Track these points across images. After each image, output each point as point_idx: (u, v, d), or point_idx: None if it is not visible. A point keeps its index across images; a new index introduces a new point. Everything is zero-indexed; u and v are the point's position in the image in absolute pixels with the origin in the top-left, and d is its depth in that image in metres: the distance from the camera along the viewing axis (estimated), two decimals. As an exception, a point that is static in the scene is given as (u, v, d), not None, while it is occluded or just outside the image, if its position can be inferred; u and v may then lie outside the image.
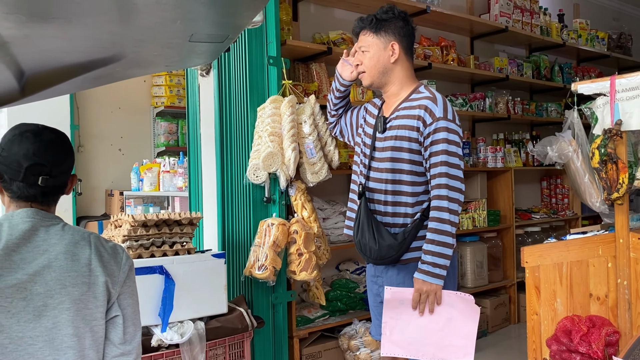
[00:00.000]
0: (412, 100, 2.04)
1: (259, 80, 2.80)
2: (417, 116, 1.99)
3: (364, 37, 2.09)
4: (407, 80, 2.10)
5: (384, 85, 2.11)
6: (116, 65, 1.35)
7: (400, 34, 2.06)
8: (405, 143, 2.00)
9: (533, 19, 4.60)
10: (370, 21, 2.06)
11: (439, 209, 1.93)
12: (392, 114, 2.07)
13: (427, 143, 1.97)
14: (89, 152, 5.09)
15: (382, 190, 2.04)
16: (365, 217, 2.02)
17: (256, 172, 2.71)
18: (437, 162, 1.94)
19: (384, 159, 2.04)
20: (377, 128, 2.08)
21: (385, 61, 2.07)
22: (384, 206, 2.04)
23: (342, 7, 3.61)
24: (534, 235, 4.59)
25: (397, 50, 2.05)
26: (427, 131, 1.96)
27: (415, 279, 1.95)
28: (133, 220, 2.28)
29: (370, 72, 2.10)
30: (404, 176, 2.01)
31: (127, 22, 1.00)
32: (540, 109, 4.77)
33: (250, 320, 2.53)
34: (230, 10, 0.93)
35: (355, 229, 2.07)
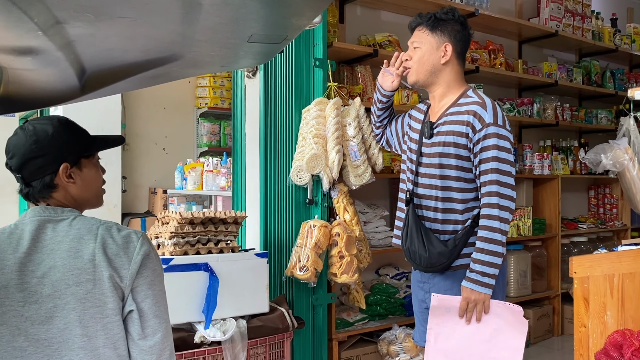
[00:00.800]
0: (460, 105, 2.00)
1: (304, 82, 2.81)
2: (465, 122, 1.95)
3: (419, 33, 2.06)
4: (454, 83, 2.06)
5: (429, 85, 2.08)
6: (173, 64, 1.37)
7: (455, 37, 2.04)
8: (452, 149, 1.96)
9: (584, 23, 4.47)
10: (428, 18, 2.04)
11: (490, 217, 1.89)
12: (440, 119, 2.03)
13: (476, 150, 1.93)
14: (134, 150, 5.22)
15: (431, 196, 2.02)
16: (414, 224, 1.99)
17: (299, 173, 2.71)
18: (487, 169, 1.90)
19: (432, 164, 2.01)
20: (424, 133, 2.05)
21: (435, 61, 2.04)
22: (433, 212, 2.01)
23: (388, 10, 3.59)
24: (580, 246, 4.45)
25: (449, 52, 2.02)
26: (476, 137, 1.92)
27: (464, 288, 1.92)
28: (180, 218, 2.31)
29: (417, 69, 2.07)
30: (452, 183, 1.97)
31: (191, 21, 1.01)
32: (589, 116, 4.63)
33: (291, 321, 2.54)
34: (292, 11, 0.93)
35: (404, 236, 2.04)
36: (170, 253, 2.33)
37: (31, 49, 1.12)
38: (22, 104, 1.58)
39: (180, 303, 2.28)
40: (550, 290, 4.17)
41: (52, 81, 1.40)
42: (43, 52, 1.14)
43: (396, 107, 3.32)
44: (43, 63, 1.23)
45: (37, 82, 1.43)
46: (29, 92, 1.47)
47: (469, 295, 1.89)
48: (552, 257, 4.21)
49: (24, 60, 1.20)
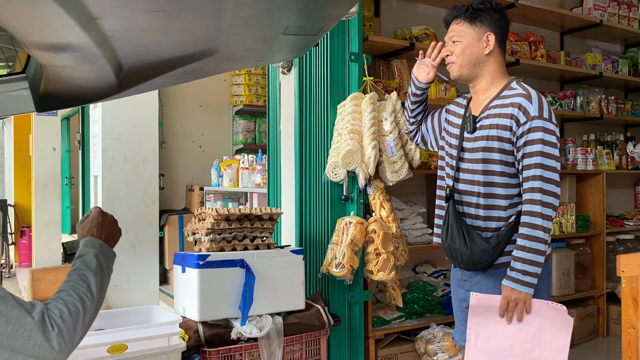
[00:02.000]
0: (504, 97, 1.94)
1: (339, 77, 2.78)
2: (509, 115, 1.89)
3: (457, 27, 2.00)
4: (498, 74, 2.00)
5: (473, 79, 2.02)
6: (208, 59, 1.36)
7: (496, 25, 1.98)
8: (495, 143, 1.91)
9: (631, 11, 4.29)
10: (465, 10, 1.98)
11: (532, 213, 1.84)
12: (483, 112, 1.98)
13: (520, 143, 1.87)
14: (171, 148, 5.30)
15: (473, 192, 1.96)
16: (455, 220, 1.95)
17: (335, 169, 2.69)
18: (531, 164, 1.84)
19: (475, 160, 1.96)
20: (466, 128, 1.99)
21: (478, 52, 1.98)
22: (475, 209, 1.96)
23: (425, 2, 3.52)
24: (627, 244, 4.27)
25: (492, 41, 1.97)
26: (520, 131, 1.86)
27: (504, 287, 1.87)
28: (217, 214, 2.32)
29: (461, 62, 2.00)
30: (496, 178, 1.92)
31: (225, 14, 1.00)
32: (636, 109, 4.44)
33: (327, 318, 2.52)
34: (329, 0, 0.90)
35: (444, 234, 1.99)
36: (207, 249, 2.34)
37: (69, 45, 1.13)
38: (62, 101, 1.60)
39: (217, 299, 2.28)
40: (595, 290, 4.03)
41: (90, 78, 1.42)
42: (81, 48, 1.14)
43: (433, 102, 3.26)
44: (81, 59, 1.24)
45: (75, 80, 1.45)
46: (68, 90, 1.49)
47: (509, 295, 1.84)
48: (596, 255, 4.07)
49: (63, 57, 1.21)
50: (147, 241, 2.50)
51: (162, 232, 4.80)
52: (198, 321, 2.26)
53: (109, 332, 1.99)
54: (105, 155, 2.38)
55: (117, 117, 2.42)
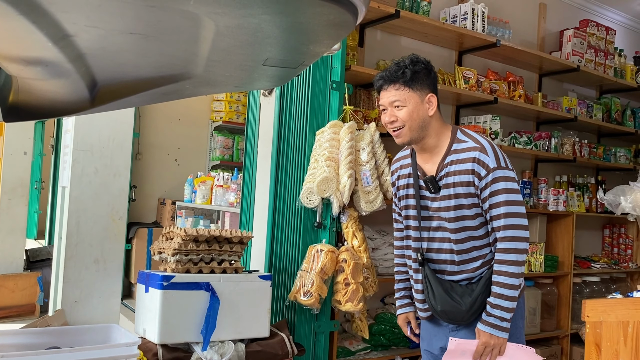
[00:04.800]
0: (458, 152, 1.95)
1: (320, 104, 2.78)
2: (470, 170, 1.90)
3: (398, 92, 1.95)
4: (441, 129, 2.00)
5: (420, 140, 1.99)
6: (186, 82, 1.34)
7: (432, 84, 1.98)
8: (464, 200, 1.92)
9: (607, 59, 4.41)
10: (402, 74, 1.94)
11: (506, 262, 1.86)
12: (440, 170, 1.97)
13: (484, 195, 1.89)
14: (146, 160, 5.21)
15: (447, 249, 1.97)
16: (437, 283, 1.95)
17: (309, 195, 2.67)
18: (499, 214, 1.87)
19: (445, 218, 1.95)
20: (429, 189, 1.98)
21: (424, 115, 1.95)
22: (450, 266, 1.98)
23: (409, 36, 3.57)
24: (592, 286, 4.33)
25: (434, 102, 1.97)
26: (482, 184, 1.89)
27: (481, 332, 1.88)
28: (185, 235, 2.27)
29: (410, 126, 1.95)
30: (473, 232, 1.94)
31: (204, 42, 0.98)
32: (608, 154, 4.55)
33: (291, 347, 2.47)
34: (310, 38, 0.89)
35: (432, 299, 1.97)
36: (172, 270, 2.28)
37: (41, 60, 1.09)
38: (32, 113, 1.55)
39: (179, 322, 2.22)
40: (560, 330, 4.06)
41: (62, 92, 1.38)
42: (53, 63, 1.11)
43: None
44: (53, 74, 1.21)
45: (47, 92, 1.41)
46: (39, 102, 1.44)
47: (488, 340, 1.86)
48: (563, 295, 4.10)
49: (34, 70, 1.17)
50: (112, 257, 2.43)
51: (129, 245, 4.70)
52: (158, 344, 2.20)
53: (65, 352, 1.92)
54: (75, 166, 2.32)
55: (91, 128, 2.37)
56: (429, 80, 1.97)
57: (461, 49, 3.82)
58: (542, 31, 4.41)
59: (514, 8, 4.19)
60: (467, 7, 3.47)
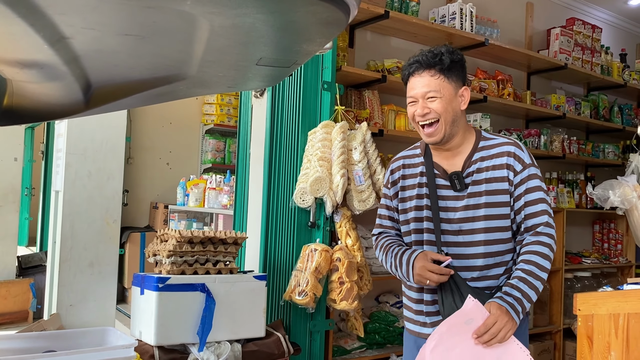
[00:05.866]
0: (487, 148, 1.81)
1: (311, 105, 2.80)
2: (505, 165, 1.77)
3: (433, 80, 1.77)
4: (467, 127, 1.86)
5: (452, 137, 1.81)
6: (180, 83, 1.36)
7: (465, 77, 1.84)
8: (496, 197, 1.76)
9: (594, 57, 4.47)
10: (439, 61, 1.76)
11: (539, 254, 1.74)
12: (468, 166, 1.80)
13: (520, 191, 1.76)
14: (137, 164, 5.21)
15: (470, 254, 1.79)
16: (466, 288, 1.73)
17: (303, 195, 2.69)
18: (537, 211, 1.75)
19: (470, 218, 1.78)
20: (454, 186, 1.80)
21: (457, 109, 1.79)
22: (473, 272, 1.79)
23: (399, 36, 3.60)
24: (584, 281, 4.38)
25: (467, 96, 1.81)
26: (517, 179, 1.76)
27: (497, 305, 1.63)
28: (180, 236, 2.28)
29: (445, 120, 1.77)
30: (499, 235, 1.79)
31: (199, 42, 0.99)
32: (596, 150, 4.60)
33: (287, 347, 2.48)
34: (303, 37, 0.91)
35: (458, 303, 1.72)
36: (167, 272, 2.29)
37: (37, 63, 1.10)
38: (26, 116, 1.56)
39: (175, 324, 2.23)
40: (552, 325, 4.10)
41: (57, 95, 1.39)
42: (49, 65, 1.12)
43: (402, 135, 3.31)
44: (48, 76, 1.22)
45: (41, 95, 1.42)
46: (34, 105, 1.45)
47: (502, 317, 1.61)
48: (555, 291, 4.15)
49: (30, 73, 1.18)
50: (107, 260, 2.43)
51: (122, 249, 4.69)
52: (154, 345, 2.20)
53: (61, 355, 1.92)
54: (69, 170, 2.33)
55: (83, 132, 2.38)
56: (464, 73, 1.83)
57: (450, 48, 3.85)
58: (529, 30, 4.46)
59: (502, 7, 4.23)
60: (455, 7, 3.50)
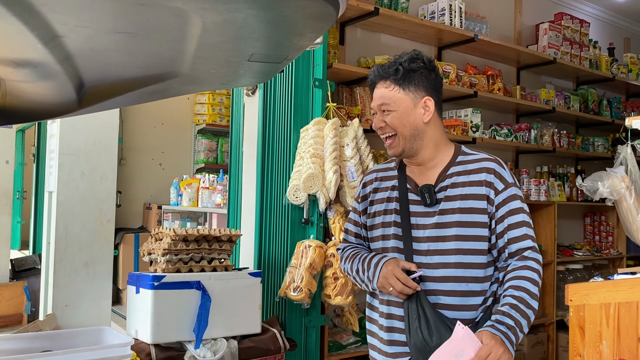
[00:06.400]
0: (465, 163, 1.69)
1: (303, 102, 2.82)
2: (484, 182, 1.64)
3: (387, 92, 1.67)
4: (442, 140, 1.73)
5: (415, 152, 1.70)
6: (173, 81, 1.37)
7: (431, 86, 1.70)
8: (472, 217, 1.63)
9: (582, 51, 4.52)
10: (394, 71, 1.66)
11: (528, 279, 1.59)
12: (442, 180, 1.68)
13: (501, 213, 1.63)
14: (130, 165, 5.21)
15: (440, 277, 1.63)
16: (433, 314, 1.57)
17: (296, 192, 2.70)
18: (521, 235, 1.63)
19: (440, 237, 1.64)
20: (424, 201, 1.67)
21: (416, 121, 1.67)
22: (446, 297, 1.62)
23: (389, 33, 3.62)
24: (576, 273, 4.43)
25: (431, 107, 1.68)
26: (499, 199, 1.63)
27: (490, 334, 1.47)
28: (174, 234, 2.29)
29: (402, 134, 1.68)
30: (473, 258, 1.63)
31: (191, 39, 1.01)
32: (586, 143, 4.65)
33: (283, 342, 2.50)
34: (294, 31, 0.93)
35: (424, 331, 1.56)
36: (163, 270, 2.30)
37: (30, 61, 1.11)
38: (20, 116, 1.57)
39: (171, 321, 2.24)
40: (545, 318, 4.14)
41: (50, 94, 1.40)
42: (42, 64, 1.13)
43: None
44: (42, 75, 1.23)
45: (35, 95, 1.43)
46: (27, 105, 1.46)
47: (497, 347, 1.45)
48: (547, 283, 4.19)
49: (23, 72, 1.19)
50: (101, 260, 2.44)
51: (116, 250, 4.69)
52: (151, 344, 2.21)
53: (58, 354, 1.93)
54: (62, 171, 2.33)
55: (76, 132, 2.38)
56: (428, 82, 1.69)
57: (440, 44, 3.88)
58: (518, 25, 4.50)
59: (491, 3, 4.27)
60: (444, 3, 3.53)
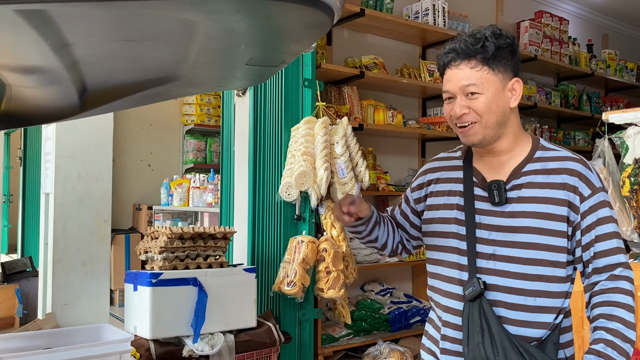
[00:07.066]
0: (545, 160, 1.45)
1: (293, 102, 2.89)
2: (566, 185, 1.41)
3: (473, 73, 1.41)
4: (520, 130, 1.48)
5: (496, 140, 1.44)
6: (171, 84, 1.43)
7: (517, 66, 1.46)
8: (549, 223, 1.40)
9: (562, 48, 4.64)
10: (482, 48, 1.41)
11: (624, 306, 1.36)
12: (516, 177, 1.44)
13: (588, 222, 1.41)
14: (119, 167, 5.23)
15: (505, 288, 1.41)
16: (500, 329, 1.36)
17: (288, 190, 2.77)
18: (612, 248, 1.40)
19: (511, 243, 1.42)
20: (492, 198, 1.44)
21: (505, 107, 1.43)
22: (508, 311, 1.40)
23: (374, 33, 3.70)
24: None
25: (519, 90, 1.44)
26: (585, 206, 1.40)
27: None
28: (170, 233, 2.35)
29: (486, 122, 1.42)
30: (546, 270, 1.40)
31: (194, 45, 1.07)
32: (567, 137, 4.78)
33: (278, 335, 2.57)
34: (292, 38, 1.00)
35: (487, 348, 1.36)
36: (160, 267, 2.36)
37: (40, 68, 1.17)
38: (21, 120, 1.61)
39: (169, 317, 2.30)
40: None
41: (53, 98, 1.45)
42: (50, 71, 1.19)
43: (381, 129, 3.42)
44: (48, 81, 1.28)
45: (38, 99, 1.48)
46: (31, 109, 1.51)
47: None
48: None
49: (31, 78, 1.24)
50: (99, 259, 2.49)
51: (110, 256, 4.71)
52: (150, 339, 2.27)
53: (60, 351, 1.98)
54: (58, 173, 2.38)
55: (72, 135, 2.43)
56: (514, 62, 1.45)
57: (424, 43, 3.97)
58: (500, 23, 4.61)
59: (473, 2, 4.37)
60: (427, 3, 3.62)
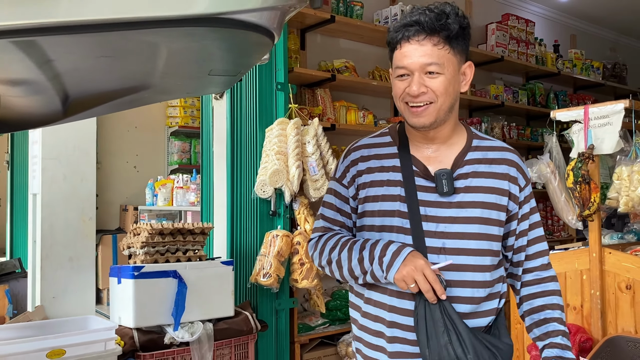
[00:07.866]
0: (484, 149, 1.41)
1: (267, 104, 3.06)
2: (507, 175, 1.38)
3: (438, 51, 1.30)
4: (457, 118, 1.45)
5: (440, 125, 1.37)
6: (145, 92, 1.60)
7: (468, 50, 1.38)
8: (495, 213, 1.36)
9: (529, 49, 4.86)
10: (446, 26, 1.30)
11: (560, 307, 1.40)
12: (460, 166, 1.38)
13: (524, 211, 1.40)
14: (105, 168, 5.36)
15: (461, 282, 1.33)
16: (465, 327, 1.28)
17: (263, 187, 2.95)
18: (540, 236, 1.43)
19: (460, 234, 1.33)
20: (441, 189, 1.34)
21: (458, 90, 1.37)
22: (465, 305, 1.33)
23: (346, 38, 3.89)
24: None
25: (469, 75, 1.39)
26: (522, 196, 1.40)
27: None
28: (151, 229, 2.52)
29: (441, 104, 1.33)
30: (492, 259, 1.36)
31: (160, 58, 1.25)
32: (535, 134, 5.00)
33: (255, 324, 2.75)
34: (243, 53, 1.18)
35: (457, 348, 1.26)
36: (142, 261, 2.52)
37: (25, 80, 1.33)
38: (9, 126, 1.78)
39: (151, 307, 2.47)
40: (502, 297, 4.46)
41: (38, 106, 1.61)
42: (35, 82, 1.35)
43: (352, 129, 3.60)
44: (33, 91, 1.45)
45: (24, 107, 1.64)
46: (17, 116, 1.67)
47: None
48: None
49: (18, 89, 1.41)
50: (85, 255, 2.65)
51: (95, 251, 4.84)
52: (133, 328, 2.44)
53: (48, 338, 2.14)
54: (45, 174, 2.54)
55: (57, 138, 2.59)
56: (467, 45, 1.37)
57: (396, 46, 4.15)
58: (469, 26, 4.81)
59: (442, 6, 4.56)
60: (396, 9, 3.81)
